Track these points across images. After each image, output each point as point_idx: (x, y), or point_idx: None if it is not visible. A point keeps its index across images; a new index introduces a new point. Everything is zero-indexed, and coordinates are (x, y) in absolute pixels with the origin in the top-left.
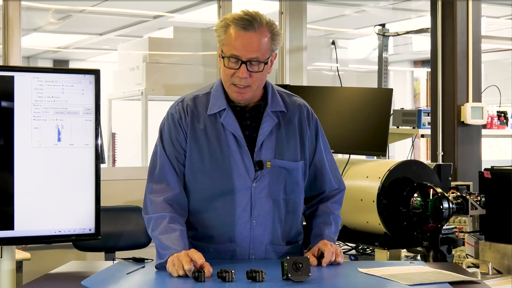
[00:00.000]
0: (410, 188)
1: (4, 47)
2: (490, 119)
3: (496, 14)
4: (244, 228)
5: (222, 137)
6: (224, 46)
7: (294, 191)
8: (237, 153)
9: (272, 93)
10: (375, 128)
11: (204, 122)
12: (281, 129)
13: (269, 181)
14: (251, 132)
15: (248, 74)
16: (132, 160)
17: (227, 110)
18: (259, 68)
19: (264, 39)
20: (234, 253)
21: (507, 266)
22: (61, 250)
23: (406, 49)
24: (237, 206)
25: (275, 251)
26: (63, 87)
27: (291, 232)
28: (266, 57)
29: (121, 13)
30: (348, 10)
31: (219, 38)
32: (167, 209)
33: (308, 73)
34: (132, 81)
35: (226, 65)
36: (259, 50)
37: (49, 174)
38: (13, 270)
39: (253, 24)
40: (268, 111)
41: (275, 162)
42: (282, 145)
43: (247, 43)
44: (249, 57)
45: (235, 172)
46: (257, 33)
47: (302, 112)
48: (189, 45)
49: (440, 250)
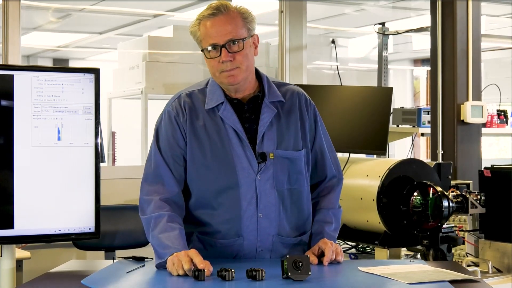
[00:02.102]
0: (410, 187)
1: (4, 46)
2: (490, 118)
3: (496, 13)
4: (251, 222)
5: (222, 131)
6: (202, 41)
7: (298, 181)
8: (239, 147)
9: (268, 84)
10: (375, 126)
11: (203, 117)
12: (281, 119)
13: (273, 172)
14: (251, 124)
15: (231, 57)
16: (132, 159)
17: (225, 103)
18: (239, 47)
19: (234, 18)
20: (241, 247)
21: (507, 264)
22: (61, 249)
23: (406, 48)
24: (242, 199)
25: (282, 243)
26: (63, 86)
27: (298, 222)
28: (242, 34)
29: (121, 12)
30: (348, 9)
31: (196, 40)
32: (164, 207)
33: (308, 72)
34: (132, 80)
35: (208, 56)
36: (233, 30)
37: (49, 173)
38: (13, 269)
39: (220, 9)
40: (266, 102)
41: (278, 152)
42: (283, 135)
43: (218, 27)
44: (226, 39)
45: (238, 166)
46: (225, 15)
47: (301, 99)
48: (189, 44)
49: (440, 249)
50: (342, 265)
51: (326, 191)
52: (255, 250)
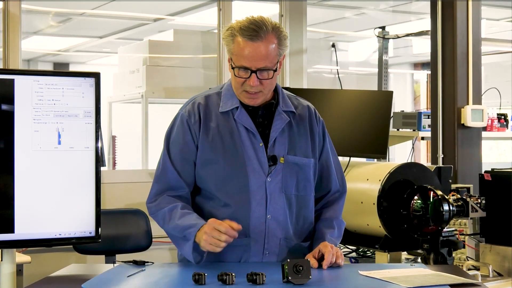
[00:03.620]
0: (411, 191)
1: (4, 50)
2: (490, 122)
3: (496, 17)
4: (259, 223)
5: (236, 133)
6: (233, 55)
7: (305, 188)
8: (251, 149)
9: (283, 94)
10: (375, 130)
11: (216, 120)
12: (293, 127)
13: (282, 176)
14: (263, 129)
15: (258, 82)
16: (132, 163)
17: (240, 108)
18: (268, 75)
19: (271, 46)
20: (248, 248)
21: (507, 268)
22: (62, 253)
23: (406, 52)
24: (252, 200)
25: (288, 247)
26: (63, 90)
27: (303, 229)
28: (274, 63)
29: (121, 16)
30: (348, 13)
31: (227, 47)
32: (176, 201)
33: (308, 75)
34: (132, 84)
35: (237, 75)
36: (267, 58)
37: (50, 177)
38: (13, 273)
39: (260, 34)
40: (280, 110)
41: (288, 158)
42: (294, 142)
43: (255, 53)
44: (258, 67)
45: (250, 167)
46: (264, 42)
47: (311, 112)
48: (189, 48)
49: (440, 253)
50: (343, 269)
51: (329, 204)
52: (261, 253)
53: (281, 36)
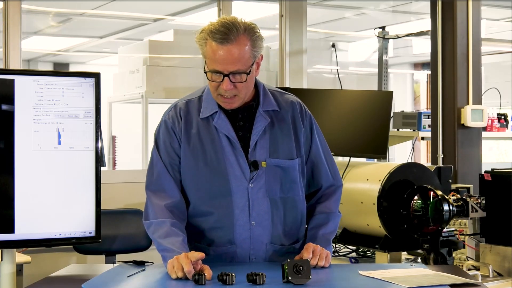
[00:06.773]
0: (411, 191)
1: (4, 50)
2: (490, 122)
3: (496, 17)
4: (244, 229)
5: (216, 139)
6: (206, 59)
7: (291, 189)
8: (232, 155)
9: (264, 93)
10: (375, 130)
11: (197, 126)
12: (275, 128)
13: (265, 180)
14: (244, 132)
15: (232, 85)
16: (132, 163)
17: (219, 112)
18: (241, 79)
19: (244, 48)
20: (234, 255)
21: (507, 268)
22: (62, 253)
23: (406, 52)
24: (235, 207)
25: (275, 251)
26: (63, 90)
27: (291, 230)
28: (248, 65)
29: (121, 16)
30: (348, 13)
31: (201, 51)
32: (167, 215)
33: (308, 75)
34: (132, 84)
35: (210, 79)
36: (240, 61)
37: (50, 177)
38: (13, 273)
39: (230, 36)
40: (261, 111)
41: (270, 161)
42: (276, 144)
43: (226, 56)
44: (230, 70)
45: (231, 174)
46: (235, 45)
47: (295, 109)
48: (189, 48)
49: (440, 253)
50: (343, 269)
51: (323, 198)
52: (248, 258)
53: (255, 38)
